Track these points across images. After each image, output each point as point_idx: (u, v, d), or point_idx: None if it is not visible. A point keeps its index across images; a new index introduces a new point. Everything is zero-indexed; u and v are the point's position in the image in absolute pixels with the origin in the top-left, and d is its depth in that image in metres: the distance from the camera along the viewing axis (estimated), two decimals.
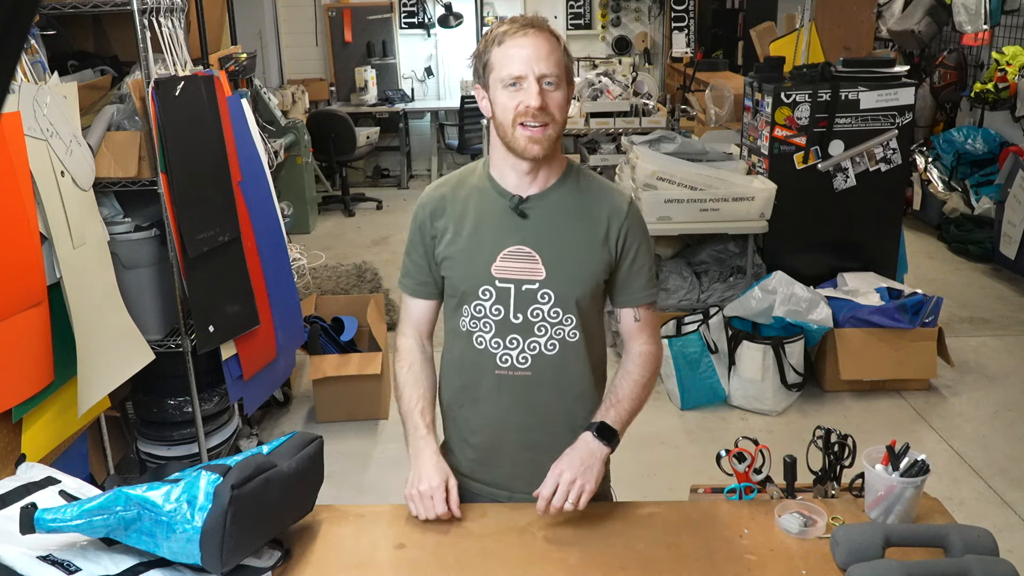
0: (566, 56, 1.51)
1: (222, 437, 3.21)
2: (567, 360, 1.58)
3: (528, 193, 1.56)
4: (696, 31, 8.03)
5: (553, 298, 1.54)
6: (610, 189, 1.62)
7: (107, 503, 1.26)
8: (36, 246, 2.18)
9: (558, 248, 1.55)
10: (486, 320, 1.56)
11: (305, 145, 6.57)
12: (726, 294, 4.08)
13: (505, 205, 1.56)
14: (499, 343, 1.56)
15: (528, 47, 1.47)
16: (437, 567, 1.40)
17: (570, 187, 1.58)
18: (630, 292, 1.61)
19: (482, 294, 1.55)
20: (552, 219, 1.56)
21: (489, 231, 1.56)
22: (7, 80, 0.61)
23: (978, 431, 3.61)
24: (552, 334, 1.56)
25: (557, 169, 1.58)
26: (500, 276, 1.54)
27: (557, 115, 1.49)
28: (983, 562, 1.28)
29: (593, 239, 1.56)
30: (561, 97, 1.49)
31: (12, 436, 2.16)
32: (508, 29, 1.49)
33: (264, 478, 1.34)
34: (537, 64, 1.46)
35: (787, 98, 4.01)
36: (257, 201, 3.12)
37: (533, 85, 1.46)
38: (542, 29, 1.49)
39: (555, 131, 1.50)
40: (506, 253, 1.55)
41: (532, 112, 1.46)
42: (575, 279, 1.55)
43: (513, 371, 1.57)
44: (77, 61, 2.91)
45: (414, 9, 8.19)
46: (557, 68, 1.48)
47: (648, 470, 3.35)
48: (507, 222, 1.56)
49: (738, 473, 1.63)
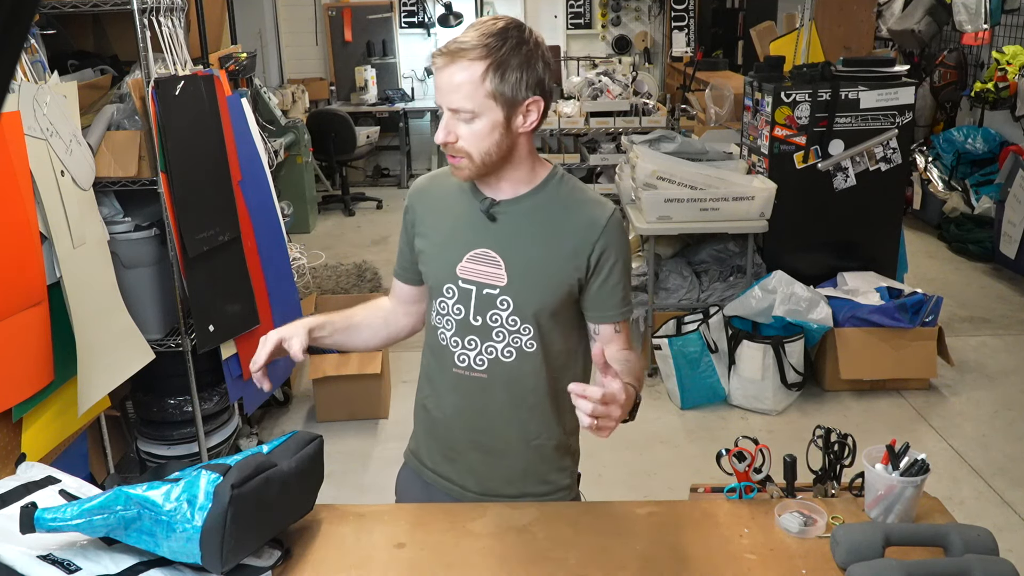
0: (496, 76, 1.39)
1: (222, 436, 3.21)
2: (523, 369, 1.54)
3: (501, 197, 1.53)
4: (696, 30, 8.03)
5: (511, 306, 1.51)
6: (590, 200, 1.55)
7: (107, 502, 1.26)
8: (36, 246, 2.18)
9: (523, 257, 1.51)
10: (448, 318, 1.56)
11: (305, 145, 6.56)
12: (726, 293, 4.08)
13: (477, 206, 1.54)
14: (458, 342, 1.56)
15: (442, 77, 1.41)
16: (437, 567, 1.40)
17: (547, 196, 1.53)
18: (606, 309, 1.55)
19: (446, 292, 1.55)
20: (521, 227, 1.52)
21: (461, 230, 1.55)
22: (7, 80, 0.61)
23: (978, 431, 3.61)
24: (509, 341, 1.53)
25: (530, 178, 1.53)
26: (464, 277, 1.53)
27: (470, 148, 1.43)
28: (983, 561, 1.28)
29: (561, 251, 1.50)
30: (480, 128, 1.42)
31: (12, 436, 2.17)
32: (436, 55, 1.43)
33: (264, 477, 1.34)
34: (446, 97, 1.42)
35: (787, 97, 4.01)
36: (257, 201, 3.12)
37: (443, 119, 1.44)
38: (455, 58, 1.39)
39: (470, 163, 1.45)
40: (472, 254, 1.53)
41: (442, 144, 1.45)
42: (536, 289, 1.51)
43: (470, 371, 1.56)
44: (77, 60, 2.91)
45: (414, 8, 8.19)
46: (467, 101, 1.39)
47: (648, 470, 3.35)
48: (478, 223, 1.53)
49: (738, 472, 1.63)
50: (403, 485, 1.75)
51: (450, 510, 1.55)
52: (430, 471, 1.67)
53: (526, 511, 1.54)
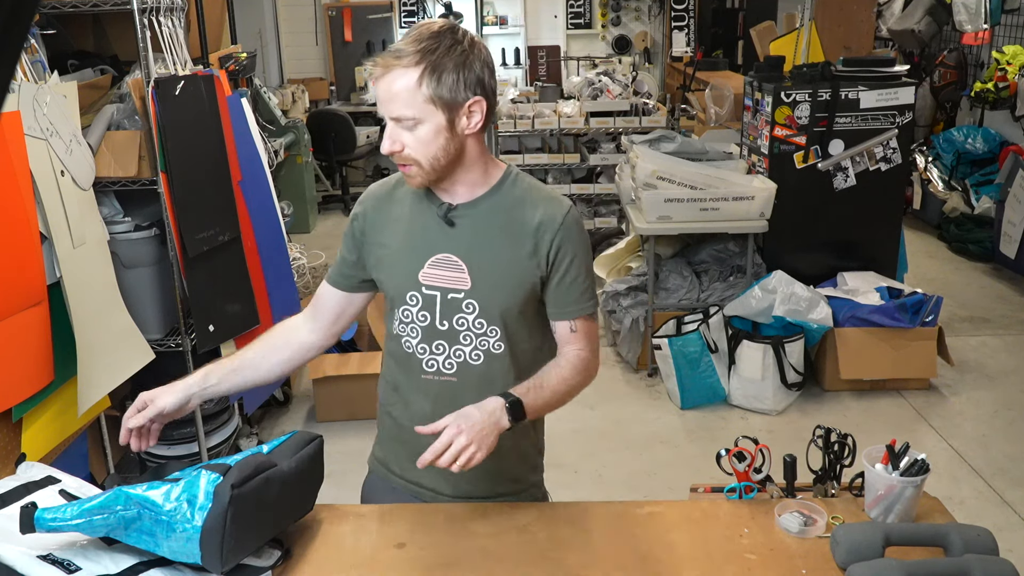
0: (432, 81, 1.39)
1: (222, 436, 3.22)
2: (492, 371, 1.55)
3: (458, 201, 1.53)
4: (696, 30, 8.03)
5: (478, 309, 1.51)
6: (546, 198, 1.55)
7: (107, 502, 1.26)
8: (36, 246, 2.18)
9: (485, 259, 1.51)
10: (413, 325, 1.55)
11: (305, 144, 6.56)
12: (726, 293, 4.08)
13: (435, 212, 1.53)
14: (425, 348, 1.55)
15: (380, 88, 1.42)
16: (437, 567, 1.40)
17: (502, 197, 1.53)
18: (564, 305, 1.55)
19: (409, 299, 1.54)
20: (480, 229, 1.52)
21: (419, 237, 1.54)
22: (7, 79, 0.61)
23: (978, 430, 3.61)
24: (477, 344, 1.53)
25: (485, 180, 1.53)
26: (427, 283, 1.52)
27: (417, 155, 1.43)
28: (983, 561, 1.28)
29: (522, 251, 1.51)
30: (423, 134, 1.42)
31: (12, 436, 2.17)
32: (373, 65, 1.43)
33: (264, 477, 1.34)
34: (387, 107, 1.42)
35: (787, 97, 4.01)
36: (257, 201, 3.12)
37: (387, 128, 1.44)
38: (389, 67, 1.40)
39: (419, 169, 1.45)
40: (434, 260, 1.52)
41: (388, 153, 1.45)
42: (501, 291, 1.51)
43: (439, 376, 1.56)
44: (77, 60, 2.91)
45: (414, 8, 8.19)
46: (407, 109, 1.40)
47: (648, 469, 3.35)
48: (437, 229, 1.53)
49: (738, 472, 1.63)
50: (369, 493, 1.74)
51: (450, 510, 1.55)
52: (398, 477, 1.66)
53: (526, 511, 1.54)
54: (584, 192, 5.86)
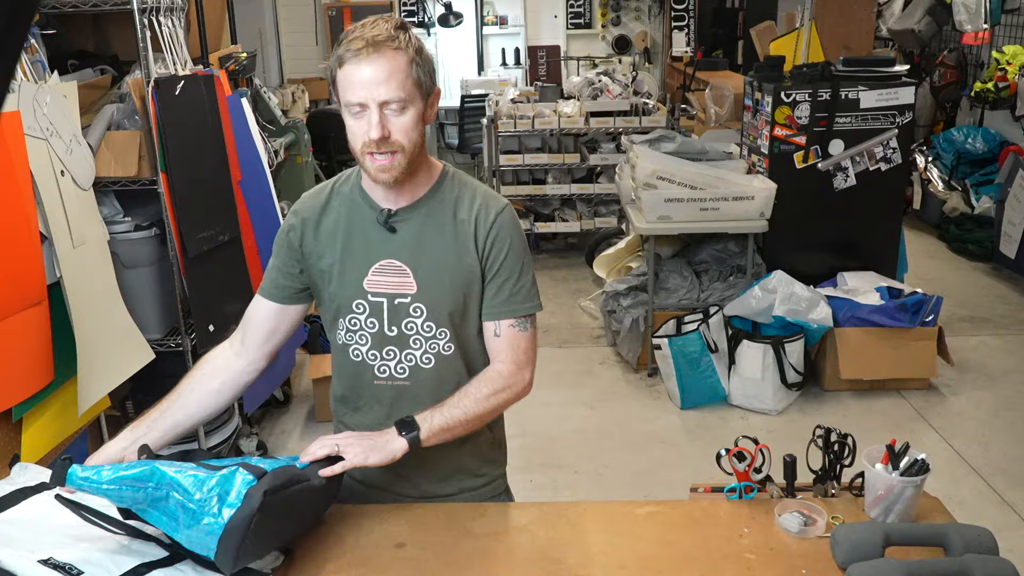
0: (416, 67, 1.39)
1: (222, 436, 3.21)
2: (443, 373, 1.54)
3: (397, 206, 1.51)
4: (696, 30, 8.03)
5: (425, 312, 1.51)
6: (481, 196, 1.53)
7: (141, 475, 1.26)
8: (36, 245, 2.18)
9: (428, 262, 1.50)
10: (362, 333, 1.53)
11: (305, 144, 6.55)
12: (726, 293, 4.08)
13: (375, 218, 1.51)
14: (376, 355, 1.54)
15: (366, 71, 1.36)
16: (437, 567, 1.40)
17: (440, 198, 1.52)
18: (492, 306, 1.53)
19: (356, 308, 1.52)
20: (421, 232, 1.51)
21: (360, 244, 1.52)
22: (7, 79, 0.61)
23: (978, 430, 3.61)
24: (427, 347, 1.53)
25: (427, 179, 1.52)
26: (372, 290, 1.51)
27: (404, 140, 1.41)
28: (983, 561, 1.28)
29: (460, 251, 1.50)
30: (409, 119, 1.40)
31: (12, 436, 2.17)
32: (347, 49, 1.38)
33: (296, 490, 1.33)
34: (375, 90, 1.37)
35: (787, 97, 4.01)
36: (257, 201, 3.13)
37: (374, 114, 1.38)
38: (380, 48, 1.37)
39: (405, 158, 1.42)
40: (378, 267, 1.51)
41: (375, 143, 1.39)
42: (446, 293, 1.50)
43: (392, 380, 1.55)
44: (77, 60, 2.92)
45: (414, 8, 8.19)
46: (400, 91, 1.38)
47: (648, 469, 3.35)
48: (377, 235, 1.51)
49: (738, 472, 1.63)
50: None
51: (450, 510, 1.54)
52: (361, 484, 1.65)
53: (526, 511, 1.54)
54: (584, 192, 5.86)
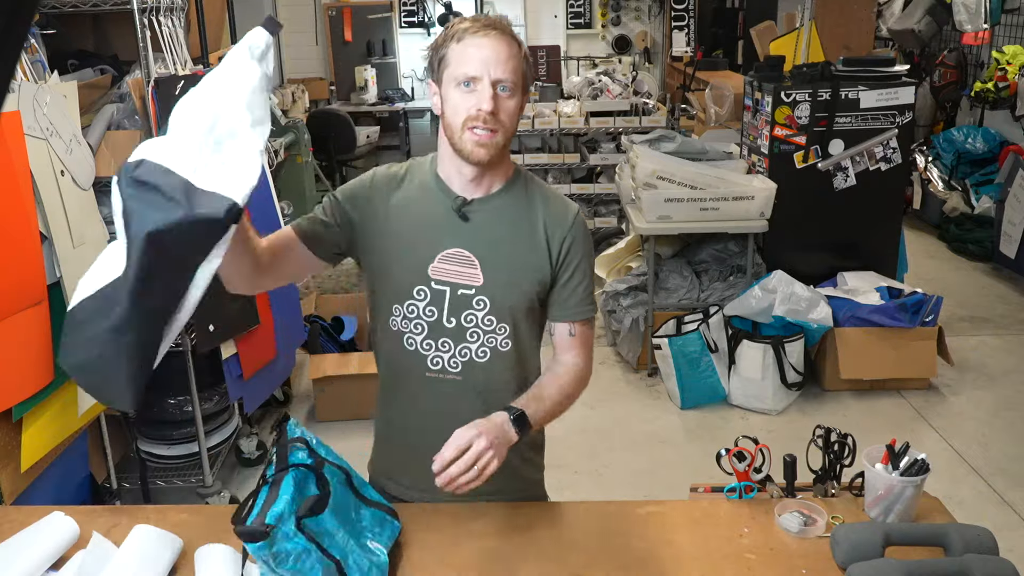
0: (526, 63, 1.46)
1: (222, 436, 3.22)
2: (497, 369, 1.54)
3: (472, 196, 1.52)
4: (696, 30, 8.03)
5: (488, 305, 1.50)
6: (556, 200, 1.57)
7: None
8: (36, 245, 2.18)
9: (497, 255, 1.51)
10: (418, 322, 1.52)
11: (305, 144, 6.55)
12: (726, 293, 4.08)
13: (448, 205, 1.52)
14: (431, 345, 1.53)
15: (487, 48, 1.41)
16: (437, 567, 1.40)
17: (515, 195, 1.54)
18: (567, 307, 1.55)
19: (416, 294, 1.51)
20: (493, 225, 1.52)
21: (430, 230, 1.52)
22: (7, 79, 0.61)
23: (978, 430, 3.61)
24: (484, 341, 1.52)
25: (503, 175, 1.55)
26: (437, 278, 1.51)
27: (507, 122, 1.45)
28: (983, 561, 1.28)
29: (533, 250, 1.52)
30: (514, 105, 1.45)
31: (12, 435, 2.17)
32: (469, 27, 1.43)
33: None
34: (494, 67, 1.41)
35: (787, 97, 4.01)
36: (257, 200, 3.11)
37: (487, 89, 1.41)
38: (504, 32, 1.44)
39: (503, 138, 1.45)
40: (445, 255, 1.51)
41: (483, 116, 1.41)
42: (512, 288, 1.51)
43: (444, 374, 1.54)
44: (77, 60, 2.92)
45: (414, 8, 8.19)
46: (514, 75, 1.43)
47: (648, 469, 3.35)
48: (448, 223, 1.51)
49: (738, 472, 1.63)
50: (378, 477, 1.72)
51: (450, 510, 1.54)
52: (387, 478, 1.65)
53: (526, 511, 1.54)
54: (584, 192, 5.86)
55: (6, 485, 2.14)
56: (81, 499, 2.60)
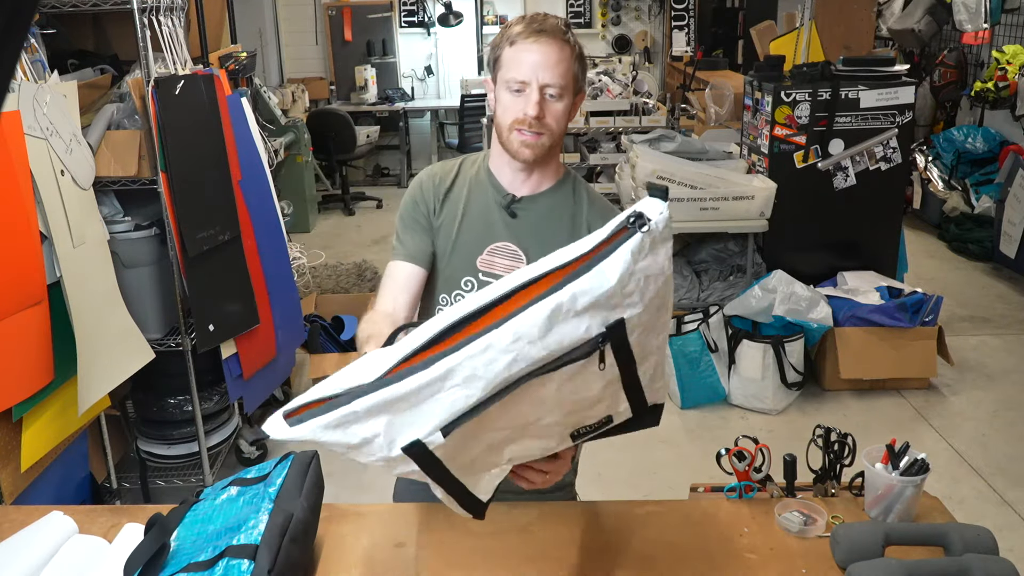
0: (578, 64, 1.49)
1: (222, 436, 3.22)
2: None
3: (521, 193, 1.57)
4: (696, 30, 8.03)
5: None
6: (600, 201, 1.62)
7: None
8: (36, 245, 2.18)
9: (543, 252, 1.50)
10: None
11: (305, 144, 6.56)
12: (726, 293, 4.08)
13: (498, 201, 1.56)
14: None
15: (536, 54, 1.45)
16: (437, 566, 1.40)
17: (563, 195, 1.59)
18: None
19: (464, 284, 1.55)
20: (540, 223, 1.56)
21: (480, 223, 1.56)
22: (7, 79, 0.61)
23: (978, 430, 3.61)
24: None
25: (552, 175, 1.59)
26: (484, 270, 1.54)
27: (554, 126, 1.49)
28: (983, 561, 1.28)
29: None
30: (562, 108, 1.48)
31: (12, 435, 2.17)
32: (522, 31, 1.47)
33: (290, 539, 1.27)
34: (542, 73, 1.45)
35: (787, 97, 4.01)
36: (257, 200, 3.12)
37: (534, 94, 1.45)
38: (555, 36, 1.46)
39: (550, 140, 1.50)
40: (493, 248, 1.55)
41: (529, 120, 1.46)
42: None
43: None
44: (77, 60, 2.91)
45: (414, 8, 8.19)
46: (562, 79, 1.46)
47: (648, 469, 3.35)
48: (498, 217, 1.56)
49: (738, 472, 1.63)
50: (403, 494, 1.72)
51: (450, 510, 1.54)
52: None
53: (526, 511, 1.54)
54: None
55: (6, 485, 2.14)
56: (81, 499, 2.60)
